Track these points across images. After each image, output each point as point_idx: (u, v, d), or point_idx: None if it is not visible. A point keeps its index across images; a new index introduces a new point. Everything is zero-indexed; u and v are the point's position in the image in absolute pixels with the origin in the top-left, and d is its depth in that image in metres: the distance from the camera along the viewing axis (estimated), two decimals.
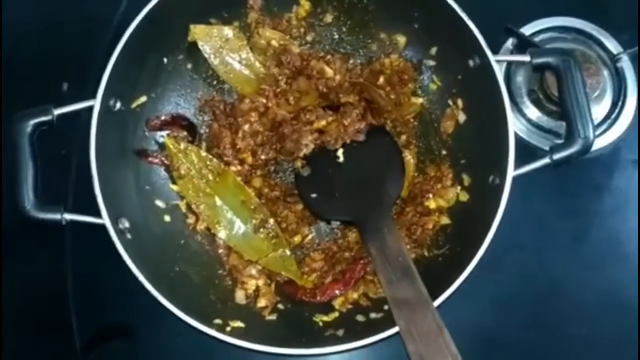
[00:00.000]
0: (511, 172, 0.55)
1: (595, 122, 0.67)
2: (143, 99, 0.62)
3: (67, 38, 0.71)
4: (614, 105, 0.69)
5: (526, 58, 0.59)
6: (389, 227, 0.57)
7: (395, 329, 0.53)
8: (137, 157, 0.62)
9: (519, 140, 0.64)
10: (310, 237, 0.64)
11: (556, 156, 0.58)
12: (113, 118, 0.58)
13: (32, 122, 0.55)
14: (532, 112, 0.69)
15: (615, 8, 0.72)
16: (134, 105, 0.61)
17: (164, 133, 0.63)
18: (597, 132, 0.67)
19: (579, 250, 0.67)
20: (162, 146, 0.63)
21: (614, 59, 0.70)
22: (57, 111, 0.56)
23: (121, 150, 0.60)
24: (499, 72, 0.58)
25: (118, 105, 0.59)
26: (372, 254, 0.56)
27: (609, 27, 0.70)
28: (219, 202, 0.62)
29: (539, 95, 0.69)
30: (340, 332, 0.57)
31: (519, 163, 0.57)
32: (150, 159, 0.63)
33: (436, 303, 0.53)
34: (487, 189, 0.58)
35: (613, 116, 0.69)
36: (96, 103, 0.56)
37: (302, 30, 0.67)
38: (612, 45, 0.70)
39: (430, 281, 0.55)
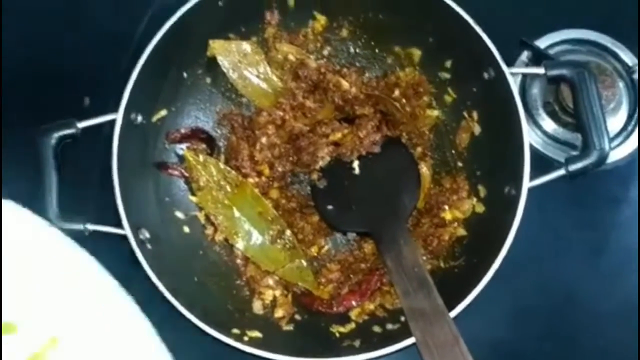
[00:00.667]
0: (527, 183, 0.56)
1: (612, 134, 0.67)
2: (163, 112, 0.63)
3: (88, 53, 0.73)
4: (630, 117, 0.69)
5: (541, 70, 0.60)
6: (405, 238, 0.58)
7: (412, 340, 0.53)
8: (158, 169, 0.63)
9: (534, 152, 0.64)
10: (326, 248, 0.65)
11: (572, 167, 0.58)
12: (134, 131, 0.60)
13: (57, 135, 0.57)
14: (548, 124, 0.69)
15: (630, 20, 0.72)
16: (154, 118, 0.63)
17: (184, 146, 0.65)
18: (614, 144, 0.67)
19: (596, 262, 0.67)
20: (182, 158, 0.64)
21: (630, 71, 0.70)
22: (81, 124, 0.58)
23: (142, 163, 0.62)
24: (514, 85, 0.58)
25: (139, 118, 0.60)
26: (388, 265, 0.57)
27: (623, 39, 0.71)
28: (237, 213, 0.63)
29: (554, 107, 0.69)
30: (357, 343, 0.57)
31: (534, 174, 0.57)
32: (170, 171, 0.64)
33: (452, 314, 0.54)
34: (503, 201, 0.58)
35: (629, 128, 0.69)
36: (118, 117, 0.57)
37: (318, 44, 0.68)
38: (628, 57, 0.70)
39: (446, 292, 0.55)
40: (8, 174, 0.66)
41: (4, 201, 0.42)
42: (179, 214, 0.64)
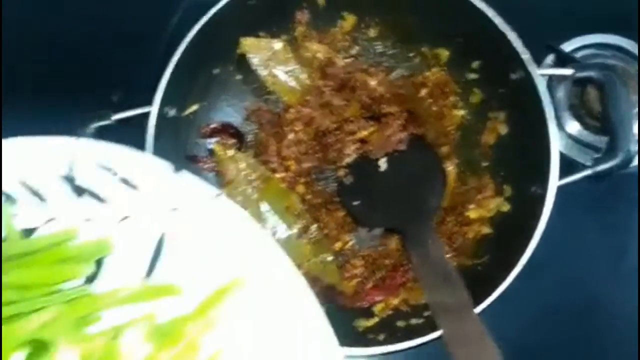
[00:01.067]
0: (554, 183, 0.56)
1: (635, 139, 0.67)
2: (195, 107, 0.65)
3: (120, 50, 0.74)
4: None
5: (569, 72, 0.60)
6: (430, 235, 0.58)
7: (436, 334, 0.54)
8: (189, 162, 0.65)
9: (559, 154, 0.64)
10: (350, 243, 0.66)
11: (597, 169, 0.59)
12: (167, 125, 0.61)
13: (94, 125, 0.58)
14: (573, 127, 0.70)
15: None
16: (186, 113, 0.64)
17: (214, 140, 0.66)
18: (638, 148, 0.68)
19: (619, 265, 0.67)
20: (212, 153, 0.66)
21: None
22: (115, 116, 0.60)
23: (174, 156, 0.62)
24: (542, 85, 0.59)
25: (172, 112, 0.62)
26: (415, 260, 0.57)
27: None
28: (264, 207, 0.64)
29: (579, 110, 0.70)
30: (381, 337, 0.58)
31: (559, 176, 0.58)
32: (200, 164, 0.65)
33: (476, 311, 0.54)
34: (529, 200, 0.58)
35: None
36: (153, 109, 0.59)
37: (346, 43, 0.69)
38: None
39: (470, 290, 0.55)
40: None
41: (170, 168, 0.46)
42: None
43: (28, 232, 0.44)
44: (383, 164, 0.65)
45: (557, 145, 0.57)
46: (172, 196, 0.45)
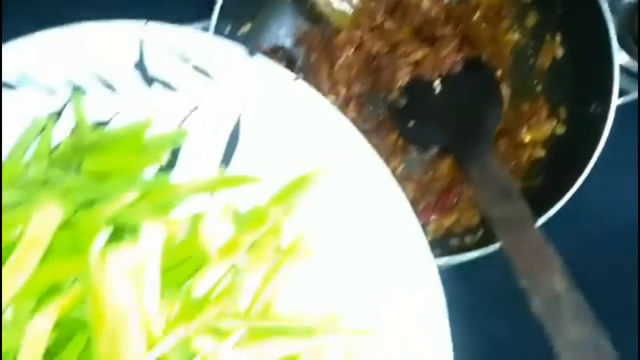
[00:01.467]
0: (615, 98, 0.56)
1: None
2: (247, 27, 0.64)
3: None
4: None
5: None
6: (487, 152, 0.58)
7: (492, 248, 0.55)
8: None
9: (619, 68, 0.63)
10: (401, 167, 0.66)
11: None
12: None
13: None
14: (622, 57, 0.69)
15: None
16: (239, 33, 0.64)
17: None
18: None
19: None
20: None
21: None
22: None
23: None
24: (601, 4, 0.58)
25: (227, 30, 0.61)
26: (472, 177, 0.57)
27: None
28: None
29: (629, 38, 0.69)
30: (435, 254, 0.58)
31: None
32: None
33: None
34: (587, 120, 0.58)
35: None
36: (211, 25, 0.58)
37: None
38: None
39: None
40: None
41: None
42: None
43: (99, 125, 0.44)
44: (437, 86, 0.64)
45: (618, 58, 0.56)
46: (247, 81, 0.44)
